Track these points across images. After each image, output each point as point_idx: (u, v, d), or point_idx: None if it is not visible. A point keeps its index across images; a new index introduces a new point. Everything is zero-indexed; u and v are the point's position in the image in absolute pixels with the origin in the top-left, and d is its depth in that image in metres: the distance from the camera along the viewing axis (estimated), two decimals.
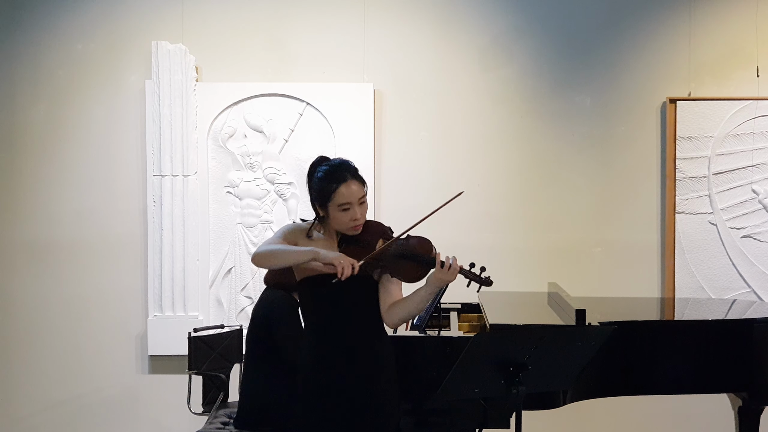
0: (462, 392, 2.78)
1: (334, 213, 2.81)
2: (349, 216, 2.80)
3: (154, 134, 4.81)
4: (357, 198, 2.80)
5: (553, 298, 3.91)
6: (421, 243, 2.82)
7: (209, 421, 4.00)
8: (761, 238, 4.79)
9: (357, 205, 2.80)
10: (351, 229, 2.83)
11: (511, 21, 4.87)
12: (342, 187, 2.79)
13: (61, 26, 4.92)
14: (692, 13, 4.82)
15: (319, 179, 2.83)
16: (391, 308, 2.85)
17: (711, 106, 4.77)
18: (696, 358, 3.51)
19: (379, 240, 2.83)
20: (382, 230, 2.88)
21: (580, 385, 3.29)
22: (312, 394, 2.86)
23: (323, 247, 2.80)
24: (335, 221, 2.83)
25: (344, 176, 2.81)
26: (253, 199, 4.86)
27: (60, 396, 4.97)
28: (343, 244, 2.86)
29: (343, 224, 2.82)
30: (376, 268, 2.83)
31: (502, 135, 4.88)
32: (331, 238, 2.89)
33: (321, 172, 2.84)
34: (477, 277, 2.80)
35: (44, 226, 4.94)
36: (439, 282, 2.75)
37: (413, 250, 2.80)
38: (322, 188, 2.81)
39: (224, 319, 4.82)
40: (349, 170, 2.83)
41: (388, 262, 2.80)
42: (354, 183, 2.81)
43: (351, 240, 2.85)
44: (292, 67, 4.89)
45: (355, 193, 2.80)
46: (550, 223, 4.88)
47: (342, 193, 2.78)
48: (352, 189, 2.80)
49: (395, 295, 2.88)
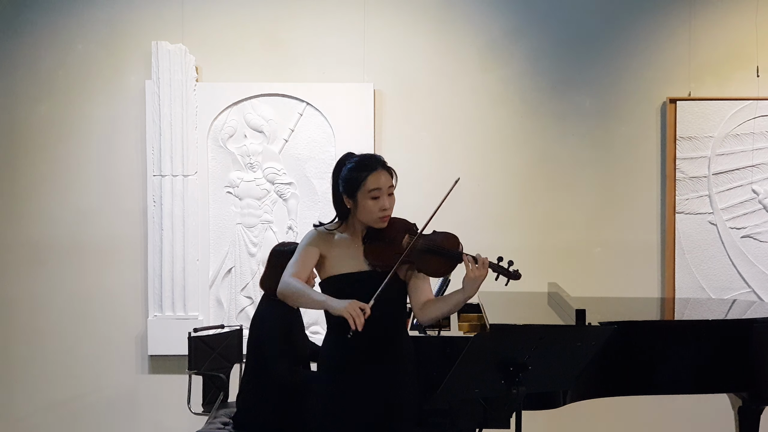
0: (462, 392, 2.78)
1: (363, 201, 2.82)
2: (379, 205, 2.81)
3: (154, 134, 4.81)
4: (386, 186, 2.82)
5: (553, 298, 3.91)
6: (447, 237, 2.85)
7: (209, 421, 4.00)
8: (761, 238, 4.79)
9: (386, 194, 2.82)
10: (379, 220, 2.83)
11: (511, 21, 4.87)
12: (372, 175, 2.81)
13: (61, 26, 4.92)
14: (692, 13, 4.82)
15: (349, 169, 2.85)
16: (426, 307, 2.87)
17: (711, 106, 4.77)
18: (696, 358, 3.51)
19: (405, 236, 2.84)
20: (407, 226, 2.88)
21: (580, 385, 3.29)
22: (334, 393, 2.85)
23: (347, 248, 2.84)
24: (364, 211, 2.83)
25: (374, 165, 2.84)
26: (253, 199, 4.86)
27: (60, 396, 4.97)
28: (367, 241, 2.85)
29: (371, 214, 2.82)
30: (404, 265, 2.83)
31: (502, 135, 4.88)
32: (355, 236, 2.88)
33: (351, 163, 2.86)
34: (506, 270, 2.84)
35: (44, 226, 4.94)
36: (474, 282, 2.76)
37: (440, 245, 2.82)
38: (351, 177, 2.83)
39: (224, 319, 4.83)
40: (378, 161, 2.87)
41: (416, 258, 2.81)
42: (383, 173, 2.84)
43: (376, 236, 2.85)
44: (292, 67, 4.89)
45: (384, 182, 2.82)
46: (550, 223, 4.88)
47: (372, 180, 2.80)
48: (381, 178, 2.82)
49: (426, 291, 2.90)
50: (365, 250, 2.84)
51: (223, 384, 4.25)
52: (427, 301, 2.88)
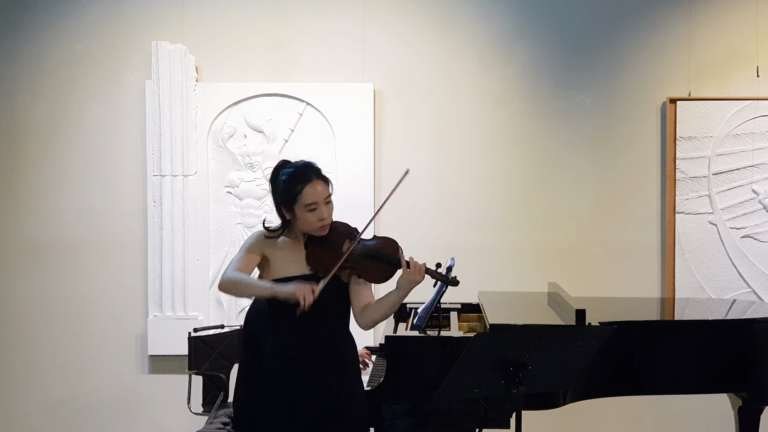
0: (462, 392, 2.79)
1: (300, 214, 2.84)
2: (316, 216, 2.84)
3: (154, 134, 4.81)
4: (323, 198, 2.84)
5: (553, 298, 3.91)
6: (387, 243, 2.86)
7: (209, 421, 4.00)
8: (761, 238, 4.79)
9: (323, 204, 2.84)
10: (318, 229, 2.86)
11: (511, 21, 4.87)
12: (307, 187, 2.82)
13: (61, 26, 4.92)
14: (692, 13, 4.82)
15: (284, 182, 2.86)
16: (364, 311, 2.89)
17: (711, 106, 4.77)
18: (696, 358, 3.51)
19: (345, 241, 2.85)
20: (348, 231, 2.91)
21: (580, 385, 3.29)
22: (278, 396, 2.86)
23: (290, 252, 2.87)
24: (302, 222, 2.86)
25: (309, 176, 2.84)
26: (253, 199, 4.87)
27: (60, 396, 4.97)
28: (309, 246, 2.88)
29: (310, 225, 2.85)
30: (345, 270, 2.85)
31: (502, 135, 4.88)
32: (297, 240, 2.91)
33: (285, 175, 2.87)
34: (443, 276, 2.86)
35: (44, 226, 4.94)
36: (408, 284, 2.80)
37: (380, 251, 2.84)
38: (287, 190, 2.84)
39: (224, 319, 4.83)
40: (313, 170, 2.87)
41: (356, 263, 2.83)
42: (319, 183, 2.85)
43: (317, 241, 2.87)
44: (292, 67, 4.89)
45: (320, 193, 2.83)
46: (550, 223, 4.88)
47: (308, 194, 2.82)
48: (317, 189, 2.83)
49: (366, 296, 2.92)
50: (307, 255, 2.87)
51: (223, 384, 4.25)
52: (366, 305, 2.90)
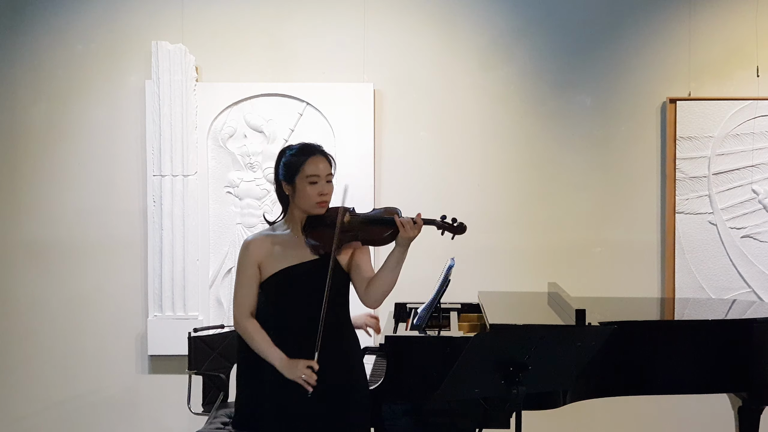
0: (462, 392, 2.79)
1: (301, 186, 2.89)
2: (317, 190, 2.88)
3: (154, 134, 4.81)
4: (325, 174, 2.90)
5: (553, 298, 3.91)
6: (386, 209, 2.96)
7: (209, 421, 4.00)
8: (761, 238, 4.79)
9: (324, 181, 2.90)
10: (317, 205, 2.90)
11: (511, 21, 4.87)
12: (311, 158, 2.90)
13: (61, 26, 4.92)
14: (692, 13, 4.82)
15: (289, 155, 2.93)
16: (370, 285, 2.92)
17: (711, 106, 4.77)
18: (696, 358, 3.51)
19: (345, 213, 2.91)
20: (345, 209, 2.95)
21: (580, 385, 3.29)
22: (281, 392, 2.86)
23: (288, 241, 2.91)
24: (302, 197, 2.90)
25: (313, 151, 2.92)
26: (253, 199, 4.87)
27: (60, 396, 4.97)
28: (308, 227, 2.92)
29: (309, 199, 2.89)
30: (346, 242, 2.90)
31: (502, 135, 4.88)
32: (295, 229, 2.94)
33: (292, 150, 2.94)
34: (449, 225, 2.95)
35: (44, 226, 4.94)
36: (406, 240, 2.84)
37: (379, 214, 2.93)
38: (290, 162, 2.91)
39: (224, 319, 4.82)
40: (318, 148, 2.95)
41: (356, 229, 2.89)
42: (322, 159, 2.92)
43: (316, 222, 2.92)
44: (292, 67, 4.89)
45: (323, 169, 2.90)
46: (550, 223, 4.88)
47: (311, 165, 2.88)
48: (320, 164, 2.90)
49: (367, 270, 2.96)
50: (307, 237, 2.91)
51: (223, 384, 4.25)
52: (369, 279, 2.93)
